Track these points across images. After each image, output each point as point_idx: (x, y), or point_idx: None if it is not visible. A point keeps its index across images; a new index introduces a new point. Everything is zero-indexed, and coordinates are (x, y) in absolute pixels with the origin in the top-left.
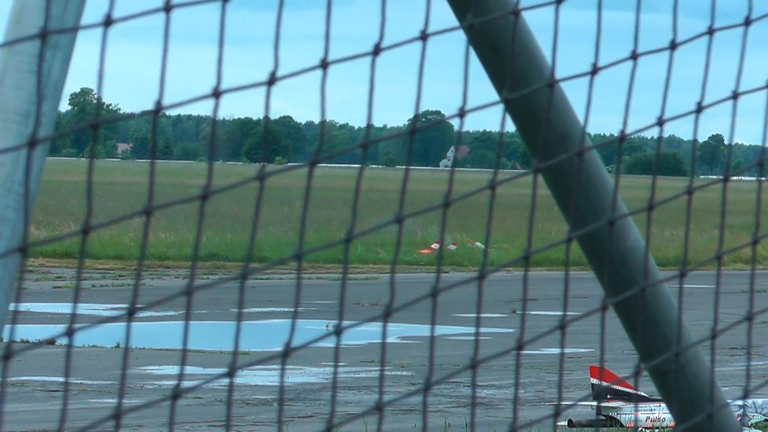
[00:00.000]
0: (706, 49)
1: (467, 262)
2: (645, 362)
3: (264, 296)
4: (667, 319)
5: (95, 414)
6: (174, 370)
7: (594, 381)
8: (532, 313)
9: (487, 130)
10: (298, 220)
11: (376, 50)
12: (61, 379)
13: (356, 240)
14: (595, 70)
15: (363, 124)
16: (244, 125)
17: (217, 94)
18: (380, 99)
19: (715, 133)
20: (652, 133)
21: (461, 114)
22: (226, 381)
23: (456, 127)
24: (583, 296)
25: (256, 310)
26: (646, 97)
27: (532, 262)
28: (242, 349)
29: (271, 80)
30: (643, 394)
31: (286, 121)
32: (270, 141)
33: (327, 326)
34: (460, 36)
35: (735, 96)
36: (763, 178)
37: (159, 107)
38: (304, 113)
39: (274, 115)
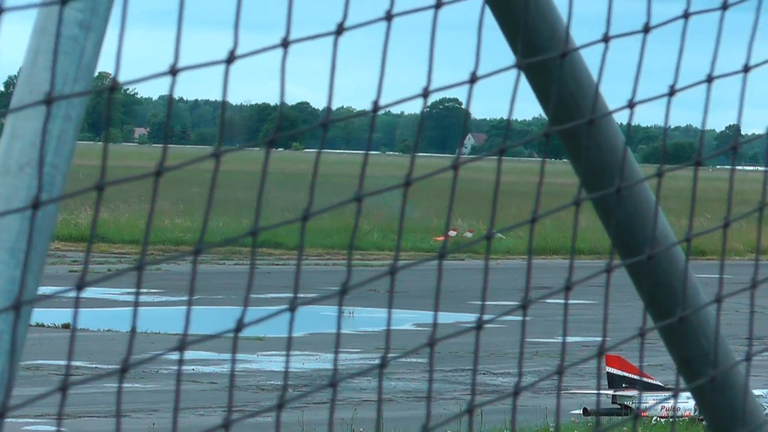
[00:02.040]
0: (681, 33)
1: (482, 249)
2: (671, 350)
3: (279, 282)
4: (696, 309)
5: (108, 398)
6: (189, 354)
7: (609, 370)
8: (544, 301)
9: (505, 118)
10: (311, 206)
11: (339, 30)
12: (77, 363)
13: (313, 218)
14: (564, 53)
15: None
16: (261, 111)
17: (174, 71)
18: (395, 85)
19: (731, 123)
20: (672, 122)
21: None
22: (241, 366)
23: (472, 115)
24: (598, 284)
25: (272, 295)
26: (621, 87)
27: (549, 250)
28: (258, 334)
29: (230, 59)
30: (658, 383)
31: (303, 107)
32: (287, 126)
33: (351, 314)
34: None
35: (710, 80)
36: (749, 167)
37: (114, 84)
38: (322, 99)
39: (291, 101)
